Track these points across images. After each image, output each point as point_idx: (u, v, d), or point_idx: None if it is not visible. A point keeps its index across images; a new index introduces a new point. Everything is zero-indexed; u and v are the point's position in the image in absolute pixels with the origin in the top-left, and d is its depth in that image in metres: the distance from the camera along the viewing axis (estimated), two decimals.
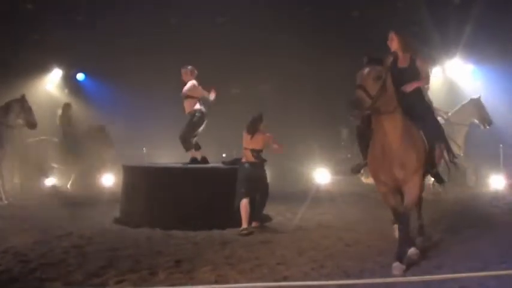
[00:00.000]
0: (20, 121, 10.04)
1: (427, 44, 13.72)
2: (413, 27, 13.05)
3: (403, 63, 5.60)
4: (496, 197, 9.79)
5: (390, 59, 5.02)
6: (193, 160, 8.46)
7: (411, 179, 5.15)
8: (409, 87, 5.35)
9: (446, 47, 14.16)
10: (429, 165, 5.42)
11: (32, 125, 10.12)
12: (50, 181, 11.92)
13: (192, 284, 4.48)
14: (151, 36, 13.61)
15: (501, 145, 11.72)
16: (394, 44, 5.71)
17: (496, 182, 10.77)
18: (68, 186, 12.04)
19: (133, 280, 4.66)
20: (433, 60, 15.13)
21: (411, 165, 5.11)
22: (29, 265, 5.17)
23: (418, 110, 5.41)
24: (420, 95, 5.71)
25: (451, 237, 6.30)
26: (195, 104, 8.41)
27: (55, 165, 12.10)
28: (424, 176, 5.55)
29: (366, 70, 4.82)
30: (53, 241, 6.37)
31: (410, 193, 5.18)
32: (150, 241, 6.52)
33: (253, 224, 7.33)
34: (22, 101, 10.07)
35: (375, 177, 5.43)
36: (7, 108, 9.88)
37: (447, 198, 9.81)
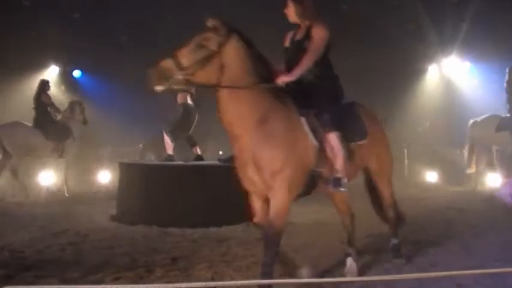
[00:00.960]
0: (79, 119, 11.41)
1: (423, 42, 13.78)
2: (410, 25, 13.10)
3: (299, 34, 4.60)
4: (492, 195, 9.82)
5: (226, 27, 4.01)
6: (198, 157, 8.56)
7: (272, 185, 4.02)
8: (280, 80, 4.19)
9: (443, 45, 14.18)
10: (319, 165, 4.24)
11: (86, 122, 11.55)
12: None
13: (189, 281, 4.48)
14: (148, 33, 13.59)
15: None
16: (290, 12, 4.63)
17: (492, 180, 10.81)
18: None
19: (129, 277, 4.66)
20: (428, 58, 15.20)
21: (269, 166, 3.99)
22: (25, 262, 5.17)
23: (305, 88, 4.34)
24: (323, 67, 4.49)
25: (447, 235, 6.33)
26: (184, 97, 8.55)
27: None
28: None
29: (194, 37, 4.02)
30: (49, 238, 6.37)
31: (274, 204, 4.06)
32: (146, 238, 6.52)
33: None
34: (80, 102, 11.68)
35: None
36: (71, 107, 11.39)
37: (443, 196, 9.84)
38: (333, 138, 4.27)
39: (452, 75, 15.08)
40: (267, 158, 4.00)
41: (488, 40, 12.57)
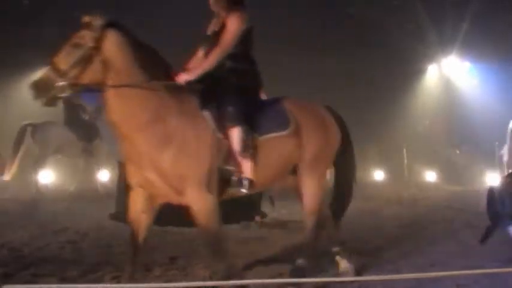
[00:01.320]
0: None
1: (423, 42, 13.78)
2: (410, 25, 13.09)
3: (217, 25, 4.19)
4: None
5: (98, 20, 3.88)
6: None
7: (184, 190, 3.76)
8: (180, 79, 3.86)
9: (443, 45, 14.19)
10: (228, 162, 3.91)
11: None
12: None
13: (187, 281, 4.48)
14: (147, 31, 13.55)
15: (496, 143, 11.73)
16: (211, 1, 4.23)
17: (491, 179, 10.80)
18: None
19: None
20: (428, 58, 15.18)
21: (174, 170, 3.69)
22: (24, 260, 5.15)
23: (211, 83, 3.98)
24: (240, 61, 4.20)
25: (447, 235, 6.32)
26: None
27: None
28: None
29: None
30: (49, 236, 6.36)
31: (197, 210, 3.87)
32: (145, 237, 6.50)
33: (257, 218, 7.37)
34: None
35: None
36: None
37: (443, 196, 9.82)
38: (234, 134, 3.87)
39: (452, 75, 15.08)
40: (169, 162, 3.67)
41: (487, 40, 12.57)
